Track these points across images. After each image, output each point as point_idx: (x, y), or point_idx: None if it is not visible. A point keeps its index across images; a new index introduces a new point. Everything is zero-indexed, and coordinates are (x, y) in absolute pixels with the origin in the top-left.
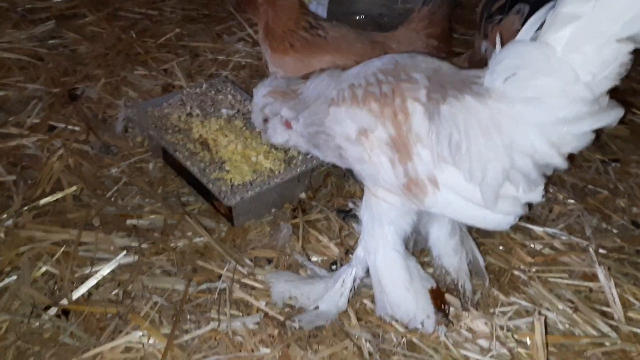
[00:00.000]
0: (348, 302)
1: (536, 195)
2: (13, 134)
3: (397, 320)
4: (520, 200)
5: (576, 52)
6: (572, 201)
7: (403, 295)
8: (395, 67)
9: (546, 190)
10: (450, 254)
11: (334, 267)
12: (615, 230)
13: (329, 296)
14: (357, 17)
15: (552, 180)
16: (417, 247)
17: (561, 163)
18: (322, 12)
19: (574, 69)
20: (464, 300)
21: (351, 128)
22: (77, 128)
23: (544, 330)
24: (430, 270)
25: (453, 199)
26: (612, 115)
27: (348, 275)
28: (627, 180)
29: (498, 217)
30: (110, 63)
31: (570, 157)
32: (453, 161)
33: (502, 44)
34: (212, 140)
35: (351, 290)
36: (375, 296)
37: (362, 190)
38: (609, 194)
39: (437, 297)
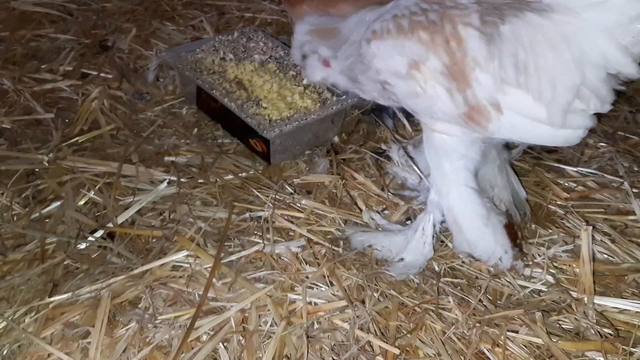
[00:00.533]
0: (433, 248)
1: (606, 107)
2: (47, 79)
3: (475, 258)
4: (589, 113)
5: None
6: (604, 144)
7: (481, 231)
8: None
9: None
10: (501, 188)
11: (408, 222)
12: None
13: (412, 247)
14: None
15: None
16: None
17: (634, 69)
18: None
19: None
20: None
21: (400, 63)
22: (109, 76)
23: (591, 240)
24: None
25: (518, 121)
26: None
27: (427, 223)
28: None
29: (567, 133)
30: (139, 18)
31: None
32: (518, 83)
33: None
34: (247, 81)
35: (433, 236)
36: (453, 236)
37: (393, 136)
38: (639, 139)
39: (512, 232)
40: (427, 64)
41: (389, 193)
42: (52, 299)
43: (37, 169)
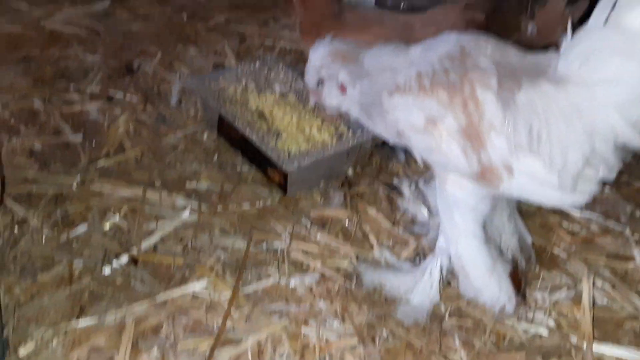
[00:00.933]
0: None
1: (612, 174)
2: (75, 100)
3: (480, 303)
4: (596, 179)
5: None
6: (608, 189)
7: (487, 280)
8: (461, 54)
9: None
10: (508, 235)
11: (417, 259)
12: None
13: (419, 288)
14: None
15: None
16: None
17: None
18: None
19: None
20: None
21: (419, 117)
22: (134, 98)
23: (592, 288)
24: None
25: (529, 183)
26: None
27: (435, 266)
28: None
29: (574, 197)
30: (163, 42)
31: None
32: (531, 149)
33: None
34: (268, 112)
35: (440, 280)
36: (459, 281)
37: (405, 170)
38: None
39: (516, 280)
40: (444, 122)
41: (399, 229)
42: (79, 322)
43: (65, 192)
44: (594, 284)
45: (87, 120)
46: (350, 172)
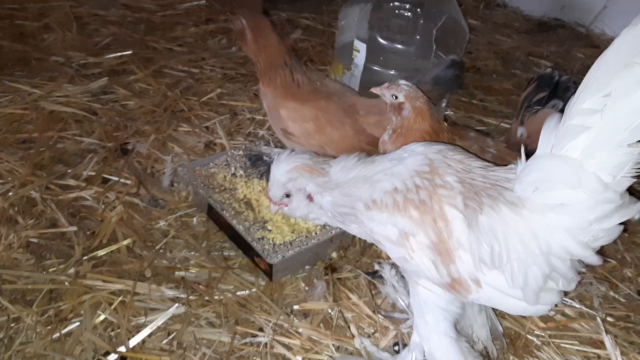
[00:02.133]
0: None
1: (572, 286)
2: (71, 186)
3: None
4: (557, 291)
5: (592, 159)
6: (582, 270)
7: None
8: (430, 170)
9: None
10: (479, 326)
11: (396, 347)
12: (622, 300)
13: None
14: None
15: None
16: None
17: (595, 259)
18: (354, 83)
19: (599, 178)
20: None
21: (393, 231)
22: (128, 182)
23: None
24: None
25: (495, 294)
26: (635, 209)
27: None
28: (634, 250)
29: (537, 307)
30: (157, 119)
31: None
32: (494, 267)
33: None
34: (255, 201)
35: None
36: None
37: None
38: (617, 263)
39: None
40: (417, 238)
41: (379, 316)
42: None
43: (59, 287)
44: None
45: (82, 206)
46: (334, 254)
